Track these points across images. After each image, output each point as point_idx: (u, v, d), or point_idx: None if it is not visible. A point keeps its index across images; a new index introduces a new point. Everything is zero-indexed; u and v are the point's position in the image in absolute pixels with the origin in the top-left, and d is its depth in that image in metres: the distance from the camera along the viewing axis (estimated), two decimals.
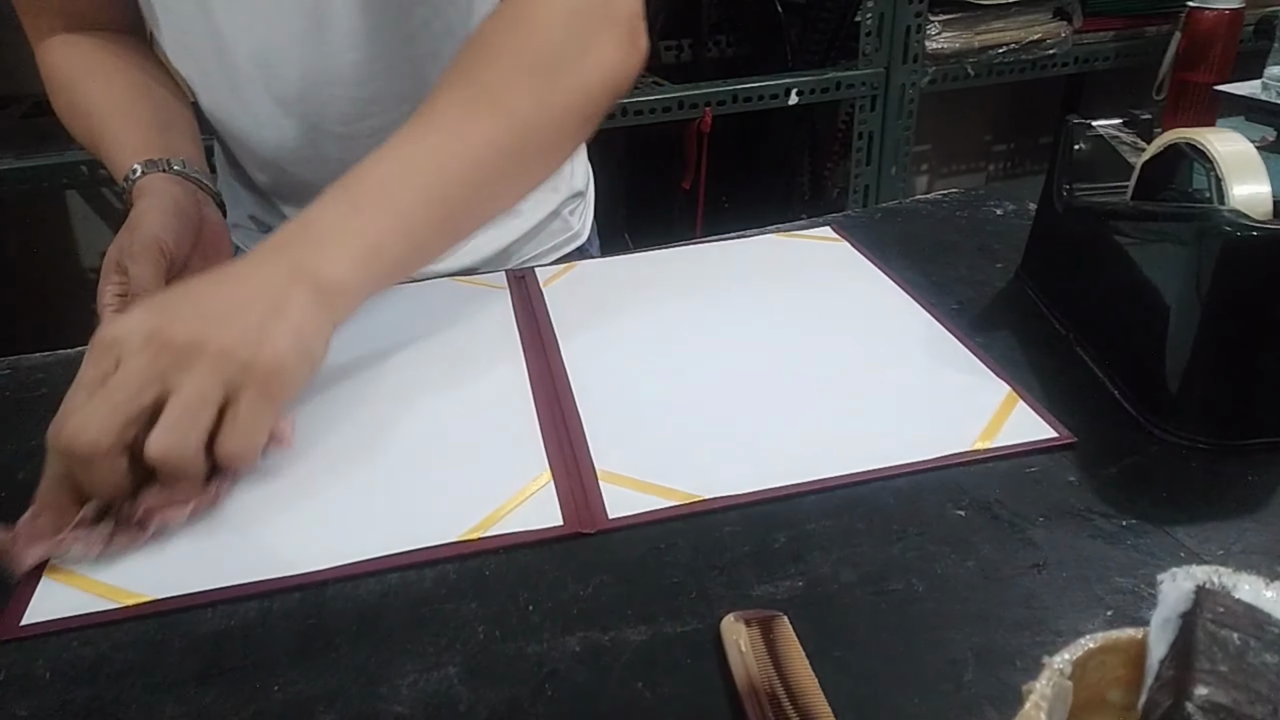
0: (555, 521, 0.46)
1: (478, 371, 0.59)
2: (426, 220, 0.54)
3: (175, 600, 0.42)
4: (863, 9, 1.54)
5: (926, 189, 2.20)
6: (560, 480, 0.48)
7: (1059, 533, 0.44)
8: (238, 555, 0.45)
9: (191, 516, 0.46)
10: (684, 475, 0.48)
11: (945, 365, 0.57)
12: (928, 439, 0.50)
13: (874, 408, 0.53)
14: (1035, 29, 1.60)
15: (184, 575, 0.44)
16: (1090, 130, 0.64)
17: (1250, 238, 0.46)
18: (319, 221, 0.51)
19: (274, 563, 0.44)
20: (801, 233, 0.76)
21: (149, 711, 0.37)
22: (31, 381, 0.61)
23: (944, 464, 0.49)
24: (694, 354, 0.59)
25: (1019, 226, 0.73)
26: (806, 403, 0.54)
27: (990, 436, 0.50)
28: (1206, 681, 0.23)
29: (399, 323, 0.65)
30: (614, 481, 0.48)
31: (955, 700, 0.36)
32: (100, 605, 0.42)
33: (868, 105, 1.59)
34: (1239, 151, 0.50)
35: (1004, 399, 0.53)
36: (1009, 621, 0.39)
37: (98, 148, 0.70)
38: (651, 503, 0.47)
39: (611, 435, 0.52)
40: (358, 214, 0.52)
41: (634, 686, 0.37)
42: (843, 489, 0.47)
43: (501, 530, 0.45)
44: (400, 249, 0.53)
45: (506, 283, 0.70)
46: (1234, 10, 1.36)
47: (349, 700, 0.37)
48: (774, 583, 0.42)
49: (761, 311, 0.64)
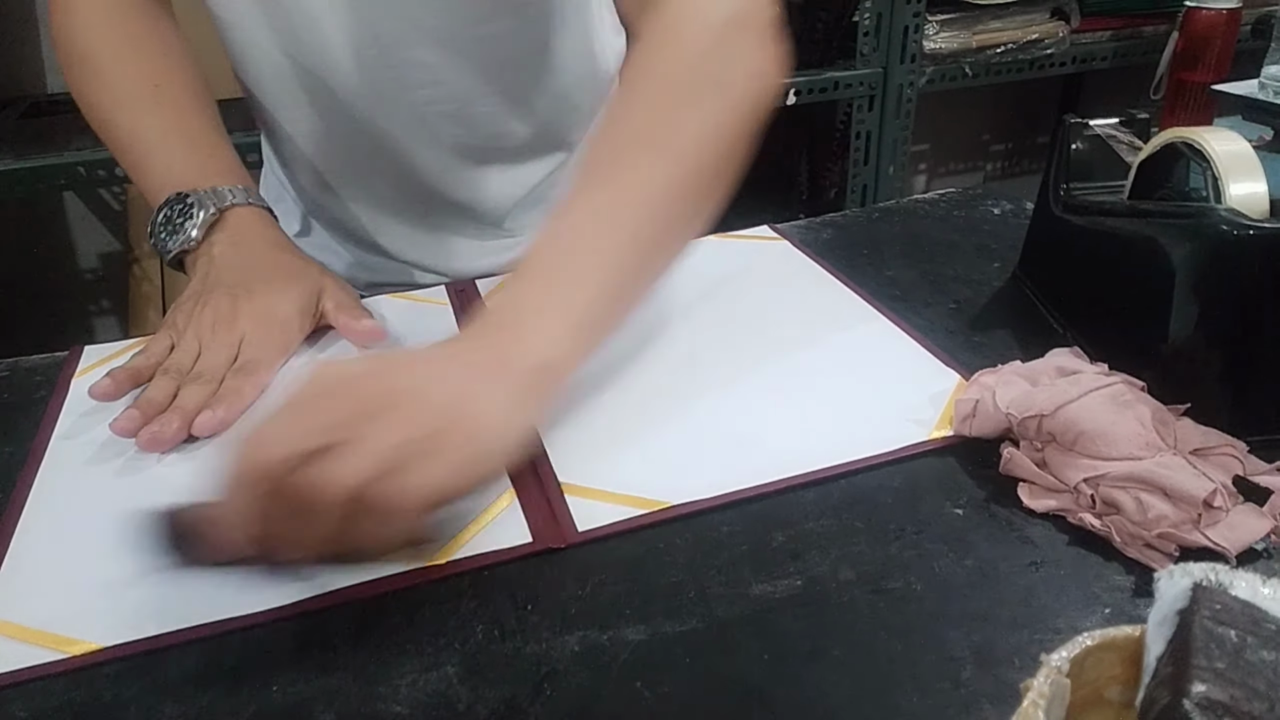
0: (524, 539, 0.45)
1: None
2: (624, 274, 0.51)
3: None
4: (861, 9, 1.54)
5: (924, 189, 2.20)
6: (524, 496, 0.48)
7: (1056, 531, 0.44)
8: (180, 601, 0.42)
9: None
10: (648, 483, 0.48)
11: (896, 358, 0.58)
12: (889, 432, 0.50)
13: (830, 405, 0.54)
14: (1033, 29, 1.60)
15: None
16: (1088, 130, 0.64)
17: (1247, 236, 0.46)
18: (521, 304, 0.49)
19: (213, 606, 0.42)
20: (739, 234, 0.76)
21: (149, 711, 0.37)
22: (30, 383, 0.61)
23: (908, 454, 0.49)
24: (645, 361, 0.59)
25: (1016, 226, 0.74)
26: (765, 403, 0.54)
27: (946, 425, 0.51)
28: (1204, 678, 0.23)
29: (342, 345, 0.63)
30: (579, 494, 0.48)
31: (954, 698, 0.36)
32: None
33: (865, 105, 1.59)
34: (1236, 151, 0.50)
35: (955, 386, 0.54)
36: (1007, 619, 0.39)
37: (130, 143, 0.68)
38: (620, 513, 0.46)
39: (569, 447, 0.51)
40: (558, 286, 0.49)
41: (633, 686, 0.37)
42: (827, 484, 0.47)
43: (470, 552, 0.44)
44: (605, 310, 0.50)
45: (448, 297, 0.70)
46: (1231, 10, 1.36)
47: (348, 700, 0.37)
48: (772, 581, 0.42)
49: (710, 314, 0.64)
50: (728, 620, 0.40)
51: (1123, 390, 0.47)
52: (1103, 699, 0.28)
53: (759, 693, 0.37)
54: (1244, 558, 0.41)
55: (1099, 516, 0.43)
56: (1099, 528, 0.43)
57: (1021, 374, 0.51)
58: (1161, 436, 0.45)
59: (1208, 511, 0.42)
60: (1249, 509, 0.43)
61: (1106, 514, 0.43)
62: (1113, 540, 0.42)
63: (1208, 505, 0.42)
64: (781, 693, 0.37)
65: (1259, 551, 0.42)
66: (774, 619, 0.40)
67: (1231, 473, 0.44)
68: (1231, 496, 0.43)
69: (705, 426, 0.52)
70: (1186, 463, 0.44)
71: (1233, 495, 0.43)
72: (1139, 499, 0.42)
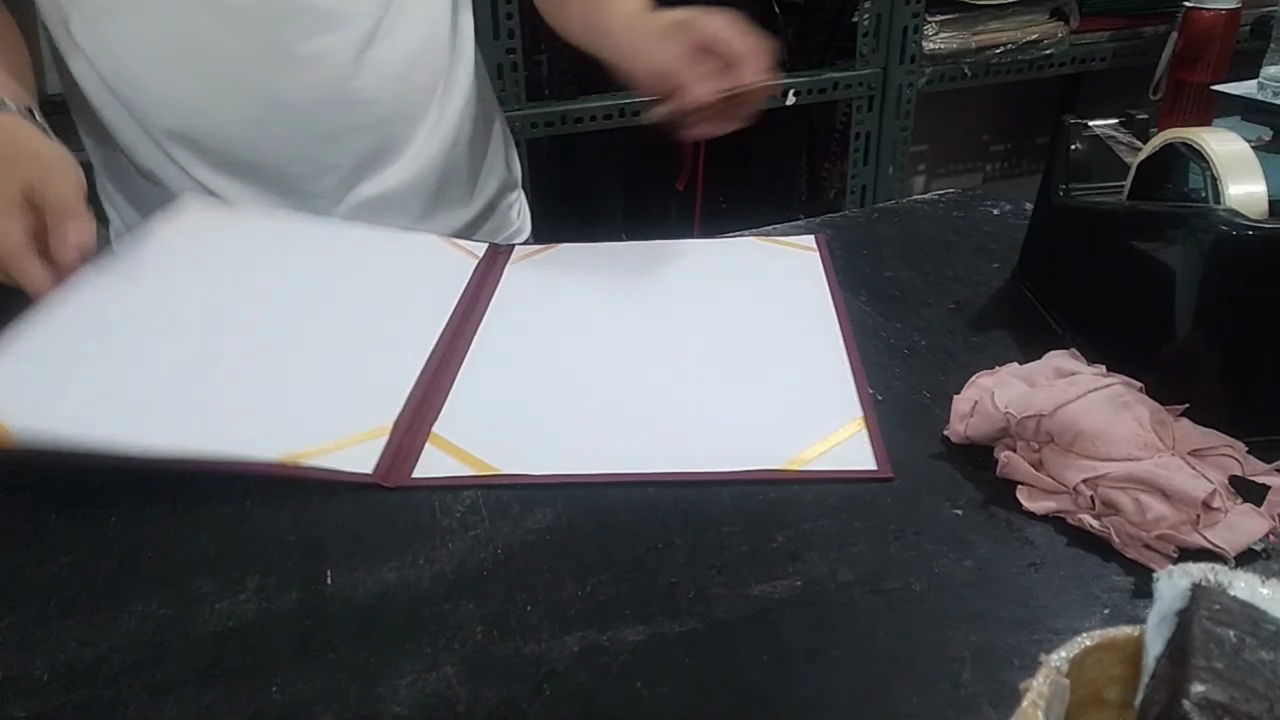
0: (366, 470, 0.48)
1: (398, 320, 0.62)
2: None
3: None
4: (860, 9, 1.54)
5: (923, 189, 2.20)
6: (395, 435, 0.51)
7: (1056, 532, 0.44)
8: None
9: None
10: (503, 452, 0.50)
11: (813, 380, 0.56)
12: (746, 452, 0.50)
13: (713, 413, 0.54)
14: (1032, 29, 1.60)
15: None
16: (1087, 130, 0.64)
17: (1246, 236, 0.46)
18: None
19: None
20: (782, 239, 0.75)
21: (149, 711, 0.37)
22: None
23: (752, 478, 0.48)
24: (596, 344, 0.61)
25: (1016, 226, 0.74)
26: (656, 400, 0.55)
27: (808, 460, 0.49)
28: (1203, 679, 0.23)
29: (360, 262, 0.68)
30: (440, 446, 0.51)
31: (953, 699, 0.36)
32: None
33: (865, 105, 1.59)
34: (1235, 151, 0.50)
35: (850, 423, 0.52)
36: (1006, 620, 0.40)
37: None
38: (456, 469, 0.49)
39: (470, 406, 0.54)
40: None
41: (632, 686, 0.37)
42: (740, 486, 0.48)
43: (318, 464, 0.48)
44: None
45: (482, 253, 0.73)
46: (1230, 10, 1.36)
47: (348, 700, 0.37)
48: (772, 582, 0.42)
49: (682, 311, 0.65)
50: (727, 621, 0.40)
51: (1121, 391, 0.47)
52: (1102, 699, 0.28)
53: (758, 693, 0.37)
54: (1242, 558, 0.41)
55: (1098, 517, 0.43)
56: (1098, 529, 0.43)
57: (1019, 375, 0.51)
58: (1160, 437, 0.45)
59: (1206, 512, 0.42)
60: (1247, 509, 0.43)
61: (1105, 514, 0.43)
62: (1112, 541, 0.42)
63: (1206, 506, 0.42)
64: (781, 693, 0.37)
65: (1257, 552, 0.42)
66: (773, 619, 0.40)
67: (1229, 473, 0.44)
68: (1230, 497, 0.43)
69: (590, 410, 0.54)
70: (1185, 463, 0.44)
71: (1231, 495, 0.43)
72: (1138, 500, 0.42)
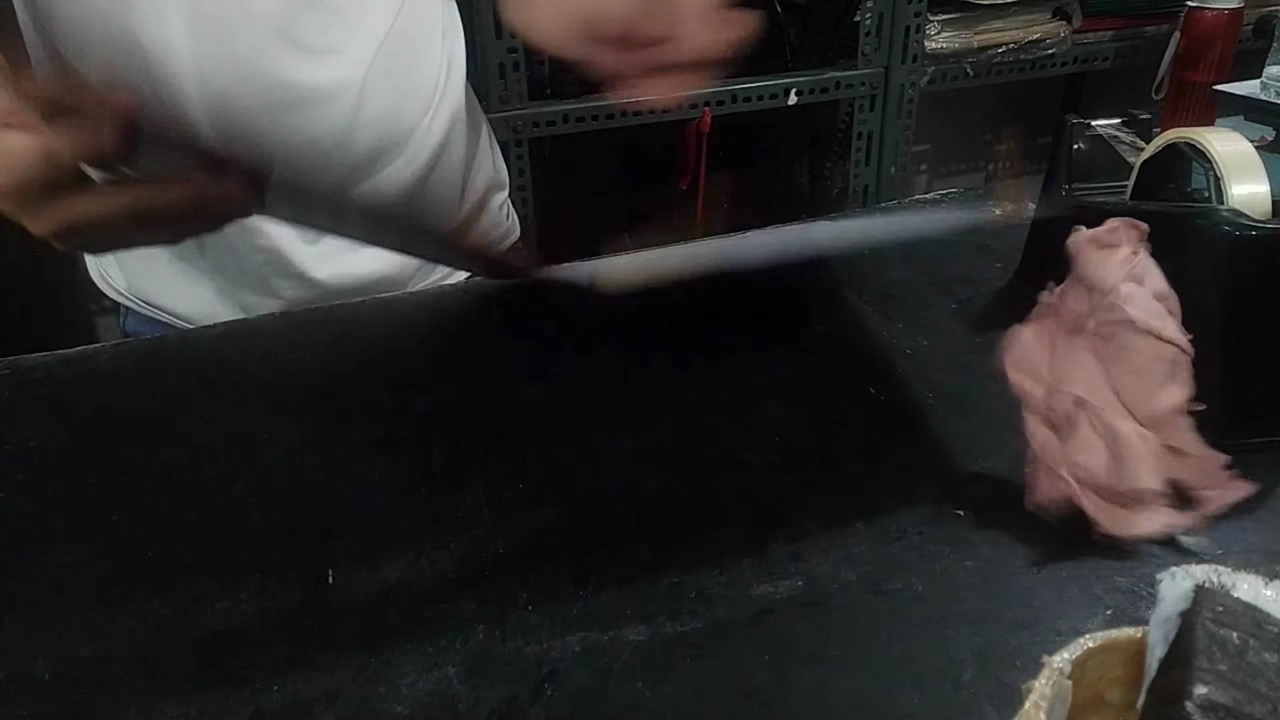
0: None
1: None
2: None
3: None
4: (862, 9, 1.53)
5: (926, 189, 2.20)
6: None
7: (1058, 533, 0.44)
8: None
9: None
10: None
11: None
12: None
13: None
14: (1034, 29, 1.59)
15: None
16: (1089, 130, 0.64)
17: (1249, 237, 0.46)
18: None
19: None
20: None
21: (149, 711, 0.37)
22: (31, 381, 0.61)
23: None
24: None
25: (1018, 226, 0.73)
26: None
27: None
28: (1206, 680, 0.23)
29: None
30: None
31: (955, 700, 0.36)
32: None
33: (867, 105, 1.59)
34: (1238, 151, 0.50)
35: None
36: (1008, 621, 0.39)
37: None
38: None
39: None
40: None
41: (633, 686, 0.37)
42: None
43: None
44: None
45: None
46: (1233, 10, 1.36)
47: (349, 700, 0.37)
48: (774, 582, 0.42)
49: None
50: (729, 621, 0.40)
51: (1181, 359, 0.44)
52: (1104, 701, 0.28)
53: (760, 693, 0.37)
54: (1241, 560, 0.41)
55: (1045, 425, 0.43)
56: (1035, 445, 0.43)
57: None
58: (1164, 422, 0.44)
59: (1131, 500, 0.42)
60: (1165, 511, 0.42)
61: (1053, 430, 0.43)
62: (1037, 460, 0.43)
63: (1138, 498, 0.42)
64: (782, 693, 0.37)
65: (1256, 551, 0.42)
66: (775, 620, 0.40)
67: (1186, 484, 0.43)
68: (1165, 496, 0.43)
69: None
70: (1163, 454, 0.43)
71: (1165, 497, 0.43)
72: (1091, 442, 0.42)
